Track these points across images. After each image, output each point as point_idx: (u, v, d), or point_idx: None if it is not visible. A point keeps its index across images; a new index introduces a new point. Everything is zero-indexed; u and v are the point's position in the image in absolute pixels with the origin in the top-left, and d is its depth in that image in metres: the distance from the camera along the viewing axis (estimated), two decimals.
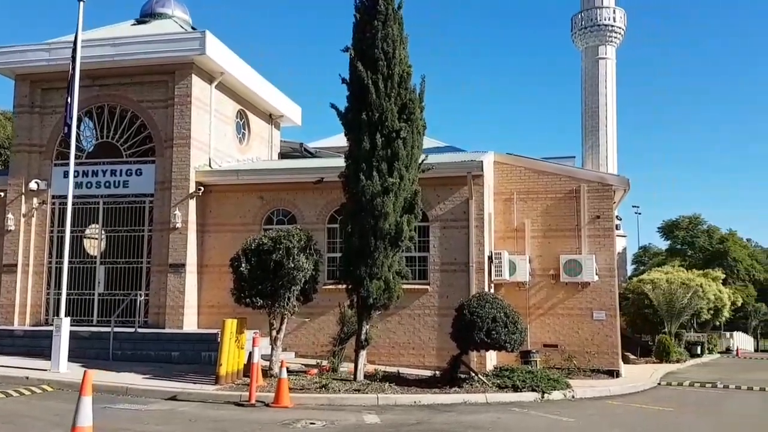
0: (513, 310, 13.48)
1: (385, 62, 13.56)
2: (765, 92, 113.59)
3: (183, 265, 17.52)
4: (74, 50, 13.95)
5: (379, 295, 13.03)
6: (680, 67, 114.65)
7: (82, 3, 13.88)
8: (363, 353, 13.29)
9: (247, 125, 21.74)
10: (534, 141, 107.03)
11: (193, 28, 21.31)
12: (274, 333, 13.05)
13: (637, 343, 30.14)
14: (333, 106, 14.66)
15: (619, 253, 40.17)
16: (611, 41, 42.96)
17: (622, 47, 44.33)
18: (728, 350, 42.69)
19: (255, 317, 14.60)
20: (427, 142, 25.18)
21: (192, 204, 17.97)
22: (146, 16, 21.69)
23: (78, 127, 18.88)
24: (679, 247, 41.07)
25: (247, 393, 11.59)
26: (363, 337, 13.28)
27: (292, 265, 12.41)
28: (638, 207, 68.25)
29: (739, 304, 37.71)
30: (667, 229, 42.31)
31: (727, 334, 47.84)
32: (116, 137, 18.95)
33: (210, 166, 18.75)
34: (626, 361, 27.07)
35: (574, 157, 27.60)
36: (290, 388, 11.88)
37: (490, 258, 17.67)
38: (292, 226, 17.71)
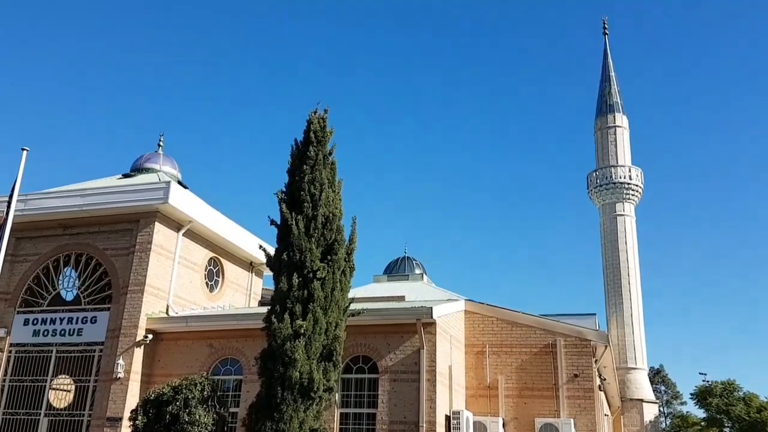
0: None
1: (310, 204, 13.33)
2: None
3: (119, 419, 16.51)
4: (10, 198, 14.06)
5: None
6: (701, 226, 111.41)
7: (25, 152, 14.44)
8: None
9: (221, 273, 21.55)
10: (557, 298, 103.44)
11: (179, 182, 22.03)
12: None
13: None
14: (261, 247, 14.34)
15: (650, 421, 36.60)
16: (629, 199, 42.48)
17: (641, 204, 43.73)
18: None
19: None
20: (441, 294, 24.32)
21: (138, 352, 17.33)
22: (135, 170, 22.65)
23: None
24: (716, 416, 37.11)
25: None
26: None
27: (187, 419, 11.33)
28: (706, 374, 62.79)
29: None
30: (701, 396, 38.57)
31: None
32: (79, 285, 18.96)
33: (167, 313, 18.34)
34: None
35: (595, 314, 26.04)
36: None
37: (447, 418, 16.03)
38: (239, 377, 16.95)
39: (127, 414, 16.53)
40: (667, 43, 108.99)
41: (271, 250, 14.11)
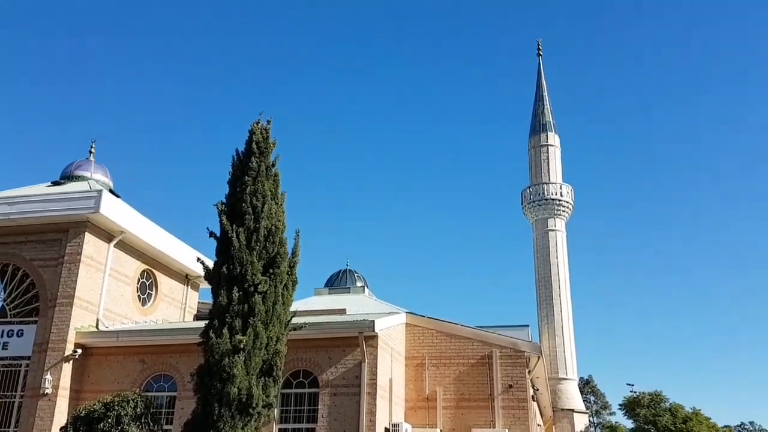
0: None
1: (252, 216, 13.16)
2: (717, 263, 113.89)
3: None
4: None
5: None
6: (630, 239, 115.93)
7: None
8: None
9: (155, 286, 20.95)
10: (492, 309, 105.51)
11: (111, 190, 21.33)
12: None
13: None
14: (200, 260, 14.12)
15: (581, 431, 37.69)
16: (560, 215, 43.89)
17: (572, 220, 45.23)
18: None
19: None
20: (383, 307, 24.22)
21: (67, 368, 16.63)
22: (65, 178, 21.77)
23: None
24: (644, 426, 38.54)
25: None
26: None
27: None
28: (633, 385, 64.79)
29: None
30: (629, 406, 40.03)
31: None
32: (4, 297, 18.07)
33: (97, 327, 17.69)
34: None
35: (528, 326, 26.64)
36: None
37: (387, 431, 16.07)
38: (173, 394, 16.51)
39: (55, 431, 15.88)
40: (598, 64, 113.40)
41: (210, 263, 13.85)
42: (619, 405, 42.75)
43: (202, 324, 18.62)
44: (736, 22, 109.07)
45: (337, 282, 29.22)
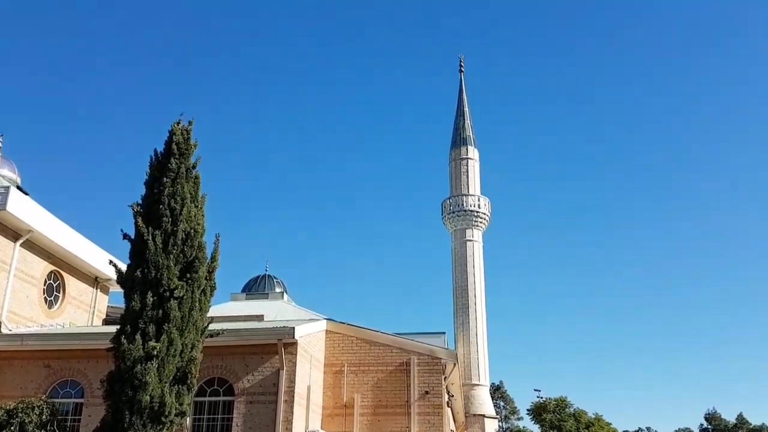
0: None
1: (170, 219, 12.82)
2: (622, 271, 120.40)
3: None
4: None
5: None
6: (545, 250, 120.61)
7: None
8: None
9: (62, 288, 20.01)
10: (408, 317, 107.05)
11: (18, 187, 20.27)
12: None
13: None
14: (112, 263, 13.64)
15: None
16: (477, 226, 44.99)
17: (488, 231, 46.48)
18: None
19: None
20: (302, 314, 23.96)
21: None
22: None
23: None
24: (550, 431, 40.11)
25: None
26: None
27: None
28: (540, 390, 67.08)
29: None
30: (536, 412, 41.60)
31: None
32: None
33: (0, 330, 16.71)
34: None
35: (444, 333, 27.08)
36: None
37: None
38: (80, 401, 15.83)
39: None
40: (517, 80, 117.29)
41: (123, 266, 13.38)
42: (527, 410, 44.44)
43: (112, 329, 17.93)
44: (658, 35, 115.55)
45: (255, 287, 28.75)
